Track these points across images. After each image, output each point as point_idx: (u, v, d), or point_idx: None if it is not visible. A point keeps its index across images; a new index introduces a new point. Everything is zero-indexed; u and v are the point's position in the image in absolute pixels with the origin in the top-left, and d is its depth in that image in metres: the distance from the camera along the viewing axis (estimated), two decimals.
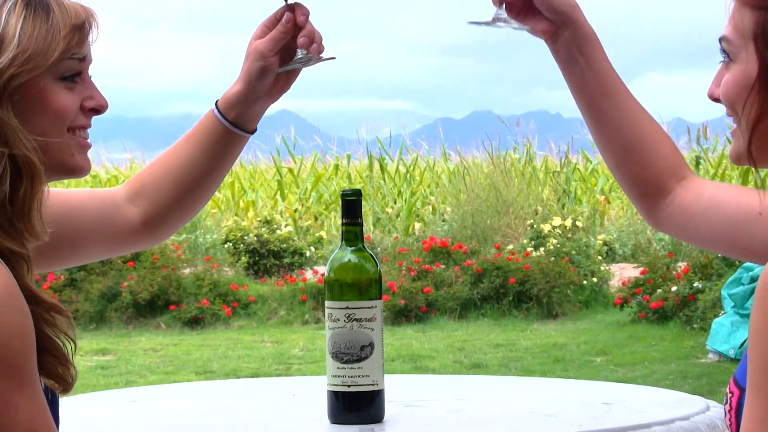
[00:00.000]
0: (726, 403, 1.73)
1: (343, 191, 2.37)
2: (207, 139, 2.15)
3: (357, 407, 2.32)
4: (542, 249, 12.36)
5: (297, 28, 2.10)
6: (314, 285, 11.89)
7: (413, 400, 2.55)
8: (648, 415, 2.31)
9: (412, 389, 2.77)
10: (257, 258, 13.11)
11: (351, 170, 18.74)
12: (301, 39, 2.09)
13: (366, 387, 2.31)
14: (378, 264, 2.38)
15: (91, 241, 2.13)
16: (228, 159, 2.18)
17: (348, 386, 2.31)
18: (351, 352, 2.31)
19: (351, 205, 2.38)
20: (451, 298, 11.61)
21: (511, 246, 12.76)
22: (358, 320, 2.31)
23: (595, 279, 12.11)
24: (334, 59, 2.14)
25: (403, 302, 11.43)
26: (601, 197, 16.68)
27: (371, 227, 15.53)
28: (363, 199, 2.36)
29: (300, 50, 2.10)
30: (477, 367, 9.21)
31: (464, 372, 8.99)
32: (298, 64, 2.11)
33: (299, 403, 2.62)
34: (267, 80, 2.12)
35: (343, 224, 2.38)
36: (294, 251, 13.25)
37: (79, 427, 2.30)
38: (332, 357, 2.32)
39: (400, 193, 17.34)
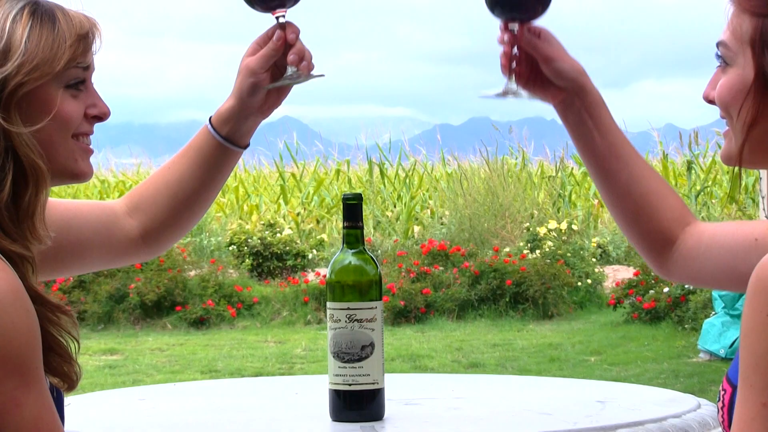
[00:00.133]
0: (719, 401, 1.73)
1: (344, 195, 2.37)
2: (201, 154, 2.16)
3: (358, 405, 2.32)
4: (538, 251, 12.36)
5: (287, 46, 2.11)
6: (316, 286, 11.89)
7: (412, 399, 2.55)
8: (641, 413, 2.31)
9: (412, 388, 2.77)
10: (261, 260, 13.10)
11: (352, 175, 18.73)
12: (291, 56, 2.10)
13: (366, 386, 2.31)
14: (378, 266, 2.38)
15: (91, 251, 2.13)
16: (221, 174, 2.19)
17: (349, 385, 2.31)
18: (352, 352, 2.31)
19: (352, 209, 2.38)
20: (450, 300, 11.61)
21: (508, 248, 12.76)
22: (359, 321, 2.31)
23: (590, 280, 12.11)
24: (323, 76, 2.15)
25: (403, 303, 11.43)
26: (595, 201, 16.66)
27: (371, 230, 15.52)
28: (363, 203, 2.35)
29: (290, 67, 2.10)
30: (474, 367, 9.21)
31: (462, 371, 8.99)
32: (288, 81, 2.11)
33: (302, 402, 2.62)
34: (258, 96, 2.12)
35: (345, 227, 2.38)
36: (296, 254, 13.25)
37: (88, 425, 2.30)
38: (334, 356, 2.32)
39: (400, 197, 17.34)
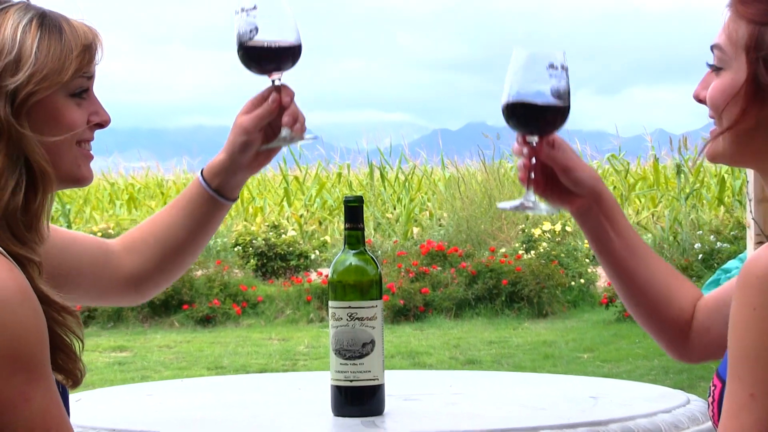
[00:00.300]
0: (709, 396, 1.73)
1: (346, 198, 2.37)
2: (191, 204, 2.18)
3: (359, 401, 2.32)
4: (533, 252, 12.36)
5: (281, 108, 2.12)
6: (319, 286, 11.89)
7: (412, 394, 2.55)
8: (632, 409, 2.31)
9: (411, 384, 2.77)
10: (265, 261, 13.10)
11: (353, 178, 18.73)
12: (286, 118, 2.11)
13: (367, 382, 2.31)
14: (378, 266, 2.37)
15: (84, 281, 2.13)
16: (210, 225, 2.21)
17: (350, 381, 2.31)
18: (353, 349, 2.31)
19: (353, 211, 2.38)
20: (447, 299, 11.61)
21: (504, 249, 12.75)
22: (360, 319, 2.31)
23: (583, 280, 12.10)
24: (316, 138, 2.17)
25: (402, 302, 11.42)
26: None
27: (372, 232, 15.51)
28: (364, 206, 2.35)
29: (284, 129, 2.11)
30: (471, 363, 9.20)
31: (459, 368, 8.99)
32: (282, 143, 2.13)
33: (305, 397, 2.62)
34: (249, 154, 2.14)
35: (346, 229, 2.38)
36: (300, 254, 13.25)
37: (98, 420, 2.30)
38: (335, 353, 2.32)
39: (400, 200, 17.33)
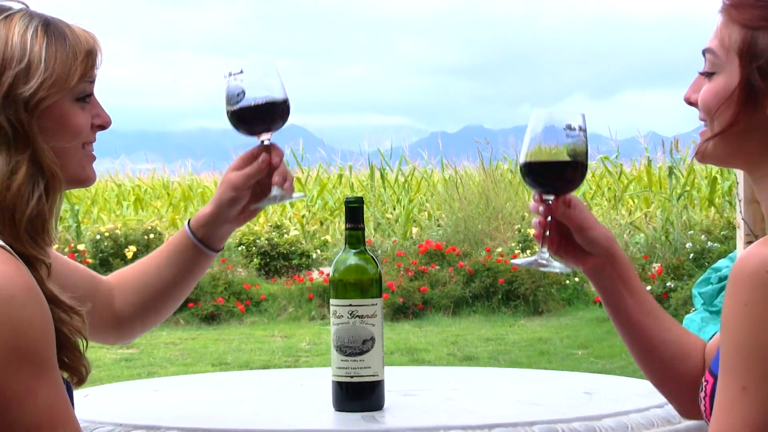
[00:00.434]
0: (701, 391, 1.73)
1: (347, 199, 2.37)
2: (177, 252, 2.19)
3: (359, 396, 2.32)
4: (528, 251, 12.35)
5: (271, 167, 2.13)
6: (320, 284, 11.89)
7: (411, 390, 2.55)
8: (625, 404, 2.31)
9: (410, 380, 2.77)
10: (268, 260, 13.10)
11: (353, 180, 18.72)
12: (277, 178, 2.13)
13: (367, 378, 2.31)
14: (378, 265, 2.37)
15: None
16: (193, 273, 2.22)
17: (351, 377, 2.31)
18: (354, 346, 2.30)
19: (354, 212, 2.38)
20: (445, 297, 11.61)
21: (500, 249, 12.75)
22: (360, 317, 2.31)
23: (577, 279, 12.10)
24: (304, 197, 2.19)
25: (402, 300, 11.42)
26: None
27: (372, 231, 15.51)
28: (364, 206, 2.35)
29: (274, 188, 2.12)
30: (469, 360, 9.20)
31: (457, 364, 8.98)
32: (271, 201, 2.15)
33: (306, 393, 2.62)
34: (236, 209, 2.17)
35: (347, 229, 2.38)
36: (302, 253, 13.25)
37: (105, 414, 2.30)
38: (336, 350, 2.32)
39: (399, 201, 17.32)
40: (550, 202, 1.87)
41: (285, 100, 2.11)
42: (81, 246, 12.52)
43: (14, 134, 1.70)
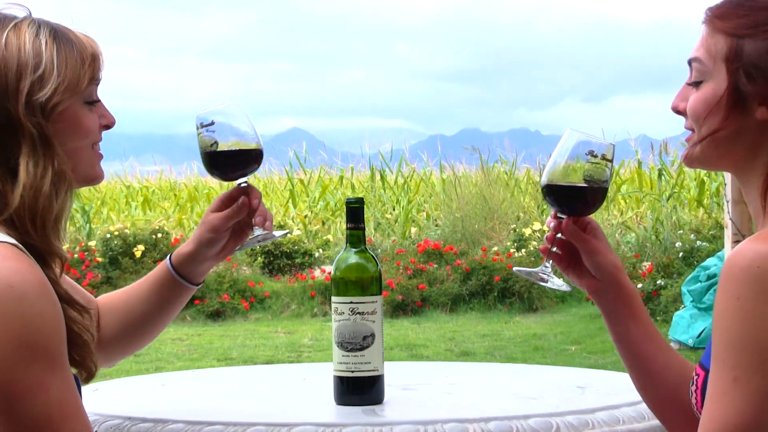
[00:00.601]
0: (692, 385, 1.73)
1: (348, 199, 2.37)
2: (158, 284, 2.20)
3: (360, 390, 2.31)
4: (523, 250, 12.35)
5: (250, 208, 2.15)
6: (322, 282, 11.88)
7: (409, 384, 2.55)
8: (617, 398, 2.31)
9: (409, 374, 2.76)
10: (272, 258, 13.10)
11: (354, 181, 18.72)
12: (258, 219, 2.15)
13: (368, 372, 2.31)
14: (378, 264, 2.37)
15: None
16: (173, 305, 2.22)
17: (352, 372, 2.30)
18: (354, 342, 2.30)
19: (354, 212, 2.37)
20: (443, 294, 11.60)
21: (496, 248, 12.75)
22: (361, 313, 2.30)
23: None
24: (288, 234, 2.21)
25: (401, 297, 11.42)
26: None
27: (372, 231, 15.50)
28: (365, 207, 2.35)
29: (257, 228, 2.14)
30: (466, 355, 9.20)
31: (454, 359, 8.98)
32: (255, 243, 2.16)
33: (309, 387, 2.61)
34: (215, 248, 2.18)
35: (348, 228, 2.38)
36: (304, 252, 13.24)
37: (114, 408, 2.29)
38: (338, 346, 2.31)
39: (398, 201, 17.32)
40: (563, 220, 1.87)
41: (257, 145, 2.13)
42: (91, 243, 12.52)
43: (39, 138, 1.71)
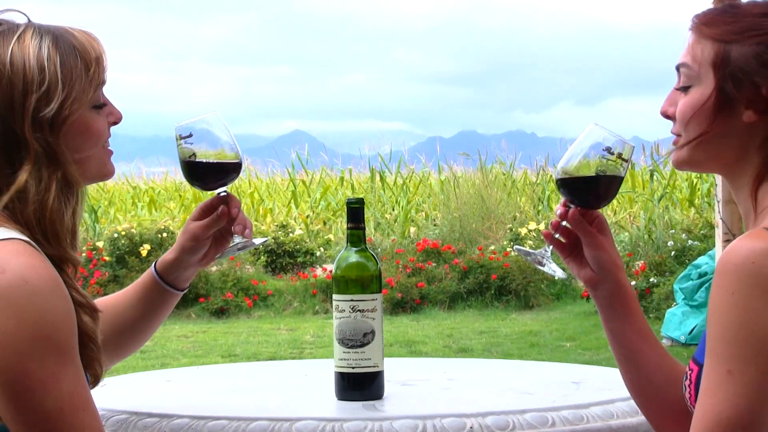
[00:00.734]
0: (686, 379, 1.73)
1: (349, 200, 2.37)
2: (145, 292, 2.19)
3: (360, 386, 2.31)
4: None
5: (230, 216, 2.14)
6: (323, 280, 11.88)
7: (409, 380, 2.55)
8: (611, 393, 2.31)
9: (408, 370, 2.76)
10: (274, 257, 13.09)
11: (355, 182, 18.72)
12: (238, 227, 2.14)
13: (368, 368, 2.31)
14: (378, 262, 2.37)
15: None
16: (160, 311, 2.22)
17: (353, 368, 2.30)
18: (355, 339, 2.30)
19: (355, 212, 2.37)
20: (441, 292, 11.60)
21: (493, 247, 12.74)
22: (361, 311, 2.30)
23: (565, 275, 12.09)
24: (267, 240, 2.21)
25: (400, 295, 11.42)
26: None
27: (372, 231, 15.50)
28: (365, 207, 2.35)
29: (236, 237, 2.14)
30: (463, 352, 9.20)
31: (453, 355, 8.98)
32: (235, 252, 2.17)
33: (311, 383, 2.61)
34: (197, 255, 2.18)
35: (349, 228, 2.38)
36: (306, 251, 13.24)
37: (121, 403, 2.29)
38: (339, 342, 2.31)
39: (398, 202, 17.31)
40: (570, 209, 1.86)
41: (235, 155, 2.13)
42: (99, 243, 12.53)
43: (44, 154, 1.71)
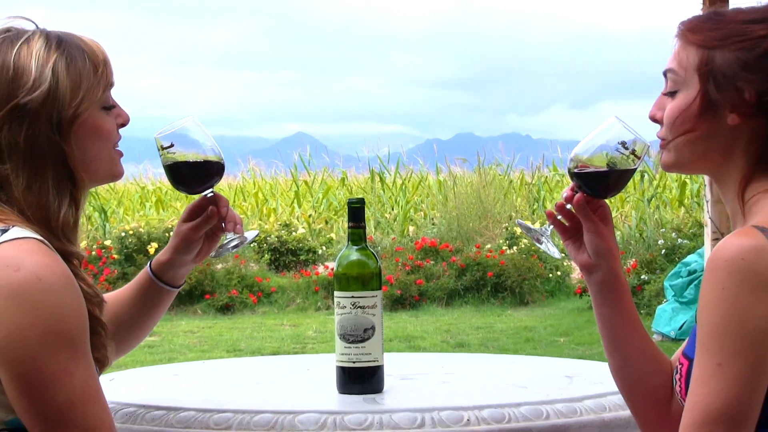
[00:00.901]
0: (677, 373, 1.73)
1: (350, 200, 2.37)
2: (141, 290, 2.19)
3: (361, 380, 2.31)
4: (515, 247, 12.35)
5: (219, 215, 2.13)
6: (325, 278, 11.88)
7: (408, 374, 2.55)
8: (603, 386, 2.31)
9: (407, 365, 2.76)
10: (278, 255, 13.09)
11: (355, 183, 18.71)
12: (229, 225, 2.14)
13: (368, 363, 2.30)
14: (378, 260, 2.37)
15: None
16: (157, 308, 2.21)
17: (353, 362, 2.30)
18: (356, 334, 2.30)
19: (356, 212, 2.37)
20: (439, 289, 11.60)
21: (489, 245, 12.74)
22: (362, 307, 2.30)
23: (559, 272, 12.10)
24: (258, 233, 2.21)
25: (399, 292, 11.42)
26: None
27: (373, 230, 15.50)
28: (365, 207, 2.33)
29: (228, 234, 2.14)
30: (461, 346, 9.20)
31: (450, 350, 8.98)
32: (228, 251, 2.16)
33: (313, 377, 2.61)
34: (190, 255, 2.17)
35: (350, 227, 2.38)
36: (308, 250, 13.24)
37: (129, 396, 2.29)
38: (340, 338, 2.31)
39: (397, 202, 17.31)
40: (577, 194, 1.86)
41: (216, 157, 2.13)
42: (108, 242, 12.53)
43: (50, 154, 1.71)
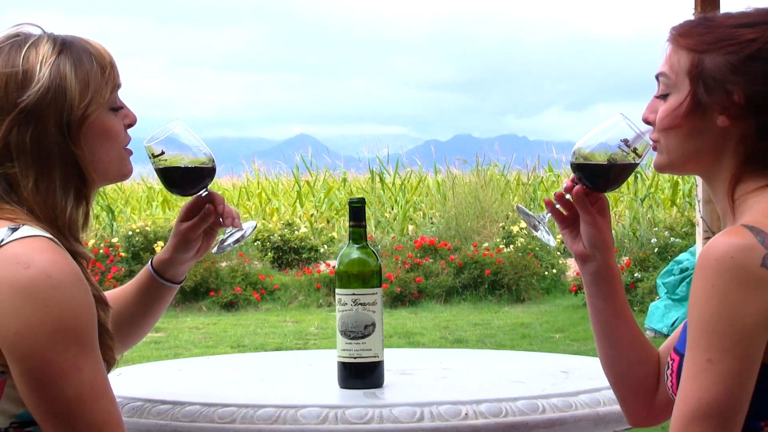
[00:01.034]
0: (668, 369, 1.73)
1: (350, 200, 2.37)
2: (144, 287, 2.18)
3: (362, 375, 2.31)
4: (512, 246, 12.35)
5: (216, 212, 2.14)
6: (327, 276, 11.88)
7: (407, 369, 2.55)
8: (598, 382, 2.30)
9: (407, 360, 2.76)
10: (281, 253, 13.09)
11: (356, 183, 18.71)
12: (227, 220, 2.15)
13: (369, 358, 2.30)
14: (378, 258, 2.37)
15: None
16: (159, 304, 2.21)
17: (354, 358, 2.30)
18: (357, 330, 2.30)
19: (356, 211, 2.37)
20: (438, 286, 11.60)
21: (487, 244, 12.75)
22: (363, 304, 2.30)
23: (555, 270, 12.09)
24: (256, 225, 2.21)
25: (399, 289, 11.42)
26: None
27: (373, 229, 15.50)
28: (366, 206, 2.35)
29: (228, 229, 2.15)
30: (459, 342, 9.20)
31: (448, 346, 8.98)
32: (231, 246, 2.17)
33: (315, 372, 2.61)
34: (190, 253, 2.17)
35: (351, 226, 2.38)
36: (310, 248, 13.24)
37: (135, 391, 2.29)
38: (341, 334, 2.31)
39: (397, 201, 17.31)
40: (577, 185, 1.86)
41: (206, 158, 2.13)
42: (115, 240, 12.53)
43: (59, 156, 1.70)
